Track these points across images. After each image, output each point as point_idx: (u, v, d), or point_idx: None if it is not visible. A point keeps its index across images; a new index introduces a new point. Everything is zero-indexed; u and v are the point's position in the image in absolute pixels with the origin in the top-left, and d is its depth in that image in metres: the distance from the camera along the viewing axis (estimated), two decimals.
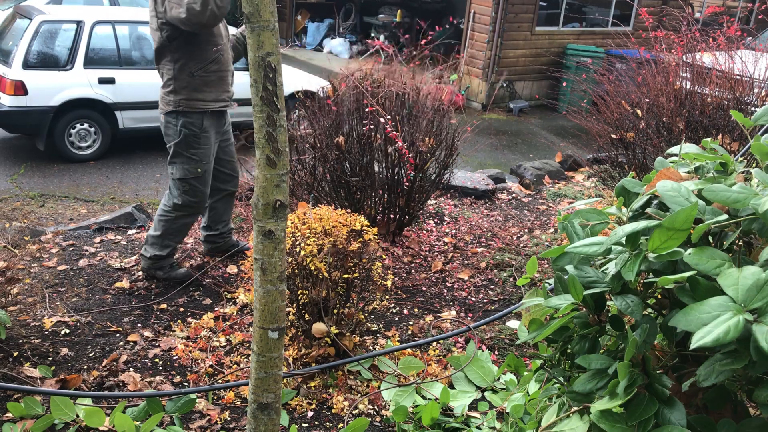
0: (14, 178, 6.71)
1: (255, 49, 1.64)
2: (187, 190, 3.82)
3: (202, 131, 3.77)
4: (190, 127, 3.74)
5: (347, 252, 3.04)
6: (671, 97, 5.07)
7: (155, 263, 3.96)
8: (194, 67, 3.70)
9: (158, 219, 3.92)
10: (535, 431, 1.67)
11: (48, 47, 7.14)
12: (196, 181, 3.81)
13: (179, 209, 3.86)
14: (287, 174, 1.75)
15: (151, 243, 3.93)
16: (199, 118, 3.75)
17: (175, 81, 3.72)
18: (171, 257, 4.02)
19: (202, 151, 3.79)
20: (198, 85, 3.72)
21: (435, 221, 5.37)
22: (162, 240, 3.91)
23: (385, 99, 4.42)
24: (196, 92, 3.72)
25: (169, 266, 4.01)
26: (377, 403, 3.01)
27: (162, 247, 3.92)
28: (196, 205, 3.89)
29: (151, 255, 3.94)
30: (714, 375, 1.21)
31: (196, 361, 3.26)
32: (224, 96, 3.87)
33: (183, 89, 3.71)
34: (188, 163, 3.77)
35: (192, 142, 3.76)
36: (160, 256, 3.94)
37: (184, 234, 4.03)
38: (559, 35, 11.81)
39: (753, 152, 1.49)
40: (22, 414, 2.74)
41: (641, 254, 1.30)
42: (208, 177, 3.88)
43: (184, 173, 3.78)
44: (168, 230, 3.90)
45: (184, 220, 3.92)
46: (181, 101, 3.72)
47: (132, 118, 7.54)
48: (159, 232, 3.90)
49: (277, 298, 1.81)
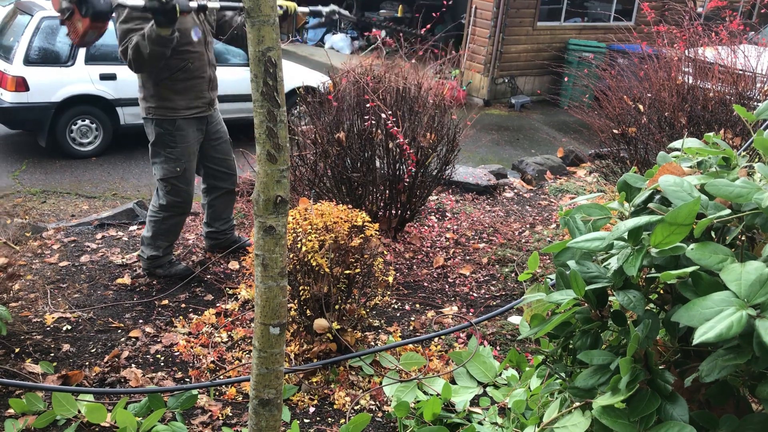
0: (16, 174, 6.71)
1: (255, 44, 1.63)
2: (170, 190, 3.81)
3: (176, 130, 3.75)
4: (164, 127, 3.73)
5: (349, 248, 3.04)
6: (673, 92, 5.05)
7: (152, 263, 3.97)
8: (160, 76, 3.64)
9: (148, 220, 3.94)
10: (537, 427, 1.67)
11: (49, 43, 7.13)
12: (176, 180, 3.79)
13: (165, 210, 3.86)
14: (288, 170, 1.74)
15: (147, 244, 3.95)
16: (171, 122, 3.74)
17: (143, 89, 3.74)
18: (168, 255, 4.02)
19: (179, 149, 3.77)
20: (166, 94, 3.69)
21: (436, 217, 5.37)
22: (155, 241, 3.92)
23: (386, 94, 4.41)
24: (164, 101, 3.69)
25: (168, 263, 4.01)
26: (379, 398, 3.01)
27: (155, 247, 3.94)
28: (181, 204, 3.88)
29: (148, 256, 3.95)
30: (717, 370, 1.21)
31: (198, 357, 3.26)
32: (197, 103, 3.79)
33: (151, 97, 3.71)
34: (167, 162, 3.77)
35: (168, 141, 3.75)
36: (156, 256, 3.95)
37: (176, 233, 4.02)
38: (560, 30, 11.78)
39: (756, 147, 1.48)
40: (23, 410, 2.75)
41: (643, 249, 1.30)
42: (190, 176, 3.86)
43: (164, 173, 3.78)
44: (158, 231, 3.90)
45: (173, 221, 3.92)
46: (151, 108, 3.73)
47: (133, 114, 7.53)
48: (150, 233, 3.92)
49: (279, 294, 1.80)
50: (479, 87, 11.53)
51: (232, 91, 7.76)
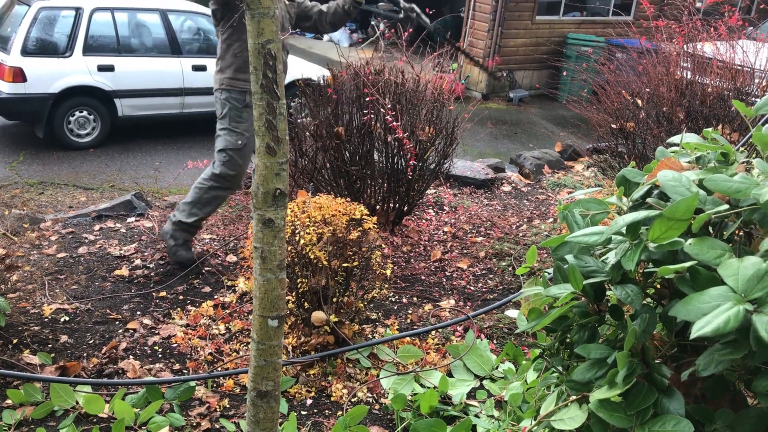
0: (13, 165, 6.70)
1: (255, 36, 1.63)
2: (226, 162, 3.88)
3: (245, 106, 3.86)
4: (234, 99, 3.85)
5: (347, 241, 3.04)
6: (672, 87, 5.05)
7: (176, 229, 4.01)
8: (238, 48, 3.80)
9: (195, 188, 4.00)
10: (534, 420, 1.68)
11: (47, 34, 7.10)
12: (235, 153, 3.88)
13: (215, 179, 3.91)
14: (287, 162, 1.74)
15: (181, 210, 4.00)
16: (242, 95, 3.85)
17: (221, 60, 3.88)
18: (193, 229, 4.06)
19: (244, 124, 3.88)
20: (240, 65, 3.81)
21: (434, 210, 5.37)
22: (191, 207, 3.97)
23: (385, 88, 4.40)
24: (239, 72, 3.82)
25: (183, 241, 4.03)
26: (376, 391, 3.02)
27: (189, 214, 3.97)
28: (233, 178, 3.94)
29: (176, 219, 3.99)
30: (713, 365, 1.21)
31: (196, 349, 3.26)
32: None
33: (228, 68, 3.85)
34: (230, 134, 3.87)
35: (234, 115, 3.87)
36: (184, 223, 3.98)
37: (213, 208, 4.05)
38: (559, 24, 11.76)
39: (754, 142, 1.48)
40: (21, 401, 2.75)
41: (641, 244, 1.30)
42: (248, 152, 3.93)
43: (225, 143, 3.87)
44: (199, 199, 3.95)
45: (216, 192, 3.96)
46: (225, 80, 3.86)
47: (131, 105, 7.52)
48: (191, 199, 3.98)
49: (277, 287, 1.81)
50: (477, 81, 11.51)
51: None
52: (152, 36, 7.72)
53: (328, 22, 4.30)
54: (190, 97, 7.81)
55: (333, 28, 4.42)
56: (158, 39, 7.71)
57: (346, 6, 4.25)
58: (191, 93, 7.80)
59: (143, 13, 7.67)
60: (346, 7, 4.24)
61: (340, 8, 4.27)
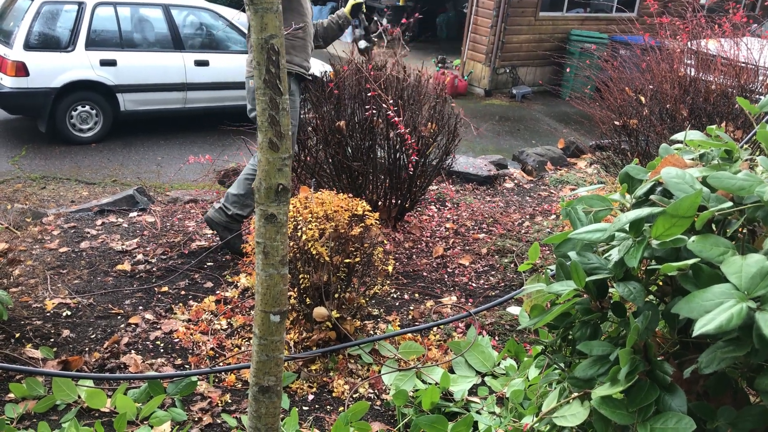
0: (16, 159, 6.70)
1: (258, 32, 1.62)
2: None
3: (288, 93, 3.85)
4: None
5: (349, 237, 3.04)
6: (675, 84, 5.04)
7: (232, 222, 4.06)
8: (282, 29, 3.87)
9: (243, 179, 4.03)
10: (535, 416, 1.68)
11: (49, 28, 7.10)
12: None
13: None
14: (290, 158, 1.74)
15: (232, 202, 4.04)
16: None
17: None
18: (245, 219, 4.11)
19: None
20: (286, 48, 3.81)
21: (436, 207, 5.37)
22: (245, 199, 4.02)
23: (387, 84, 4.40)
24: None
25: (238, 234, 4.11)
26: (377, 387, 3.02)
27: (243, 206, 4.03)
28: None
29: (233, 213, 4.03)
30: (715, 362, 1.21)
31: (198, 344, 3.27)
32: (305, 65, 4.03)
33: None
34: None
35: None
36: (241, 215, 4.04)
37: None
38: (563, 21, 11.73)
39: (758, 139, 1.48)
40: (24, 395, 2.76)
41: (644, 241, 1.30)
42: (294, 138, 3.97)
43: None
44: (251, 190, 3.96)
45: None
46: None
47: (133, 100, 7.52)
48: (243, 191, 4.01)
49: (279, 282, 1.81)
50: (480, 77, 11.49)
51: (233, 78, 7.75)
52: (155, 31, 7.72)
53: (320, 37, 4.38)
54: (193, 92, 7.81)
55: (325, 43, 4.49)
56: (161, 34, 7.71)
57: (341, 21, 4.38)
58: (194, 88, 7.80)
59: (146, 8, 7.66)
60: (340, 22, 4.38)
61: (334, 23, 4.38)
